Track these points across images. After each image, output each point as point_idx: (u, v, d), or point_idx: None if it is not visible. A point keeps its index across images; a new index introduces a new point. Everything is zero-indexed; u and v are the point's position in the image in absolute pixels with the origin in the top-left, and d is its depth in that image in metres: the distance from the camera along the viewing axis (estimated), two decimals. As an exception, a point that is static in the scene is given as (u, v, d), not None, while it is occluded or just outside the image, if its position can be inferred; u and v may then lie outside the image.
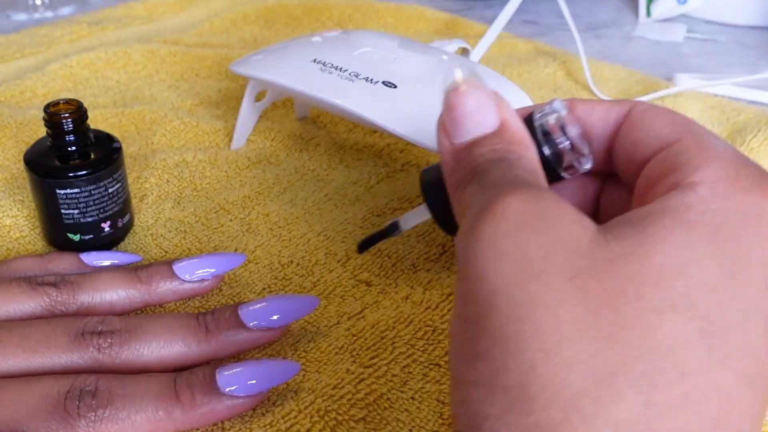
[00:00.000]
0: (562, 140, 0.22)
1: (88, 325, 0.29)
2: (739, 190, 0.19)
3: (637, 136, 0.23)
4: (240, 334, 0.29)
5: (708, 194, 0.19)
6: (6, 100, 0.52)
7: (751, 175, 0.20)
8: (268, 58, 0.43)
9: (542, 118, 0.23)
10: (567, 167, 0.23)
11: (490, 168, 0.21)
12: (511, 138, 0.22)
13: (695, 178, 0.19)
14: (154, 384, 0.27)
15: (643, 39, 0.70)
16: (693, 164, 0.20)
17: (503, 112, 0.22)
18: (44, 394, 0.26)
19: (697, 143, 0.21)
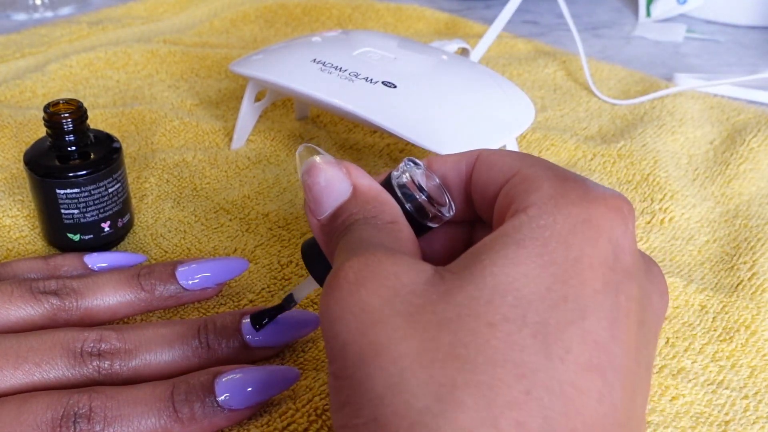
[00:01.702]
0: (419, 194, 0.24)
1: (86, 343, 0.28)
2: (566, 203, 0.21)
3: (484, 178, 0.24)
4: (241, 351, 0.30)
5: (537, 213, 0.20)
6: (6, 100, 0.52)
7: (578, 189, 0.21)
8: (268, 58, 0.43)
9: (399, 177, 0.25)
10: (432, 218, 0.24)
11: (349, 231, 0.23)
12: (365, 198, 0.24)
13: (527, 203, 0.21)
14: (151, 401, 0.26)
15: (642, 39, 0.70)
16: (528, 190, 0.21)
17: (354, 179, 0.24)
18: (37, 421, 0.25)
19: (531, 172, 0.22)
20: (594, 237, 0.20)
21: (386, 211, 0.24)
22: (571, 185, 0.21)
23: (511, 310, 0.19)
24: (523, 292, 0.19)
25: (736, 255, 0.38)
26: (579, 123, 0.52)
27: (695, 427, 0.29)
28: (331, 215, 0.24)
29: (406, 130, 0.36)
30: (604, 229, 0.20)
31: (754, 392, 0.30)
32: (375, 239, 0.22)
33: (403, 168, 0.25)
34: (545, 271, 0.19)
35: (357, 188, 0.24)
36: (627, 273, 0.20)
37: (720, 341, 0.33)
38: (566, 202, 0.21)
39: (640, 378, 0.20)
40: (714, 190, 0.44)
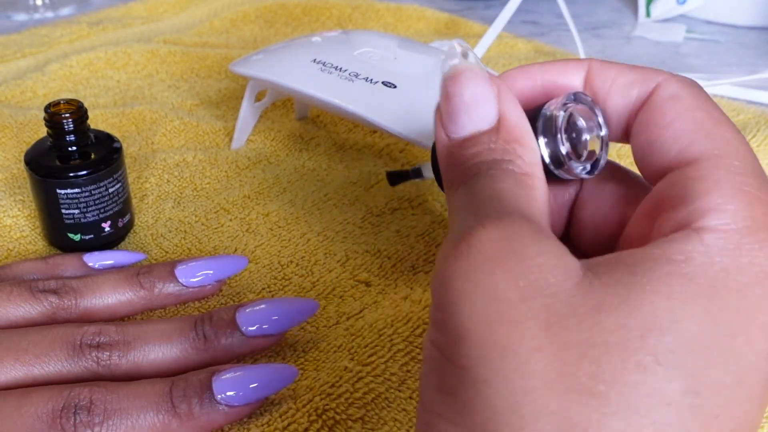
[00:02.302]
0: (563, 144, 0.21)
1: (85, 336, 0.28)
2: (752, 243, 0.17)
3: (653, 135, 0.20)
4: (238, 342, 0.29)
5: (715, 246, 0.17)
6: (6, 100, 0.53)
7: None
8: (268, 58, 0.43)
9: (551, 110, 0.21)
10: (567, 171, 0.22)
11: (481, 174, 0.20)
12: (508, 136, 0.20)
13: (704, 223, 0.18)
14: (151, 396, 0.26)
15: (642, 39, 0.70)
16: (706, 202, 0.18)
17: (503, 105, 0.21)
18: (38, 413, 0.25)
19: (718, 171, 0.18)
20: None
21: (526, 158, 0.20)
22: (762, 217, 0.18)
23: (667, 354, 0.16)
24: (684, 336, 0.16)
25: (735, 255, 0.38)
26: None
27: (695, 427, 0.29)
28: (465, 139, 0.21)
29: (406, 130, 0.36)
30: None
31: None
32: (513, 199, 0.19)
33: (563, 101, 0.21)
34: (712, 317, 0.17)
35: (504, 119, 0.20)
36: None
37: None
38: (752, 241, 0.17)
39: None
40: (714, 190, 0.44)
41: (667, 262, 0.17)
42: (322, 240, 0.38)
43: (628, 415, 0.16)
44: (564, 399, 0.16)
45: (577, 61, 0.22)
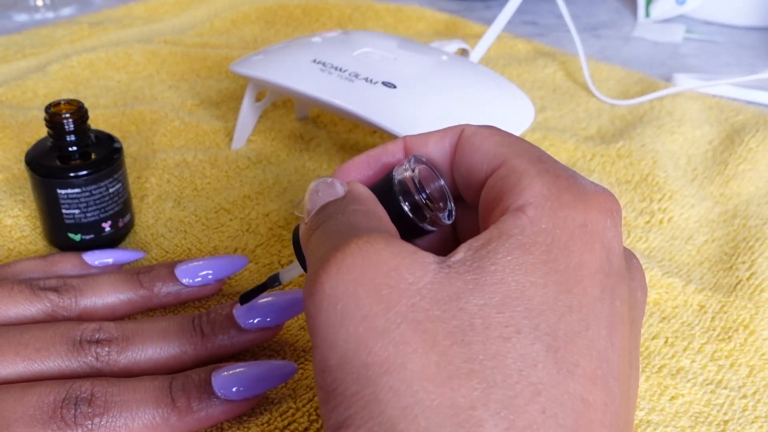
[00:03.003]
0: (418, 194, 0.23)
1: (85, 332, 0.29)
2: (561, 206, 0.20)
3: (468, 162, 0.23)
4: (235, 336, 0.30)
5: (536, 215, 0.20)
6: (7, 100, 0.53)
7: (570, 189, 0.21)
8: (268, 58, 0.43)
9: (400, 174, 0.24)
10: (430, 221, 0.24)
11: (332, 218, 0.22)
12: (357, 197, 0.23)
13: (522, 201, 0.20)
14: (151, 390, 0.26)
15: (641, 39, 0.70)
16: (519, 186, 0.21)
17: (350, 184, 0.23)
18: (39, 403, 0.25)
19: (520, 163, 0.22)
20: (590, 242, 0.20)
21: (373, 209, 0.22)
22: (564, 184, 0.21)
23: (522, 321, 0.18)
24: (533, 302, 0.19)
25: (734, 255, 0.38)
26: (578, 123, 0.52)
27: (694, 427, 0.29)
28: (318, 210, 0.23)
29: (406, 130, 0.36)
30: (598, 233, 0.20)
31: (752, 392, 0.31)
32: (363, 222, 0.21)
33: (406, 165, 0.24)
34: (551, 279, 0.19)
35: (352, 191, 0.23)
36: (619, 276, 0.20)
37: (719, 341, 0.33)
38: (562, 204, 0.20)
39: (633, 379, 0.20)
40: (713, 190, 0.44)
41: (507, 237, 0.20)
42: (322, 240, 0.38)
43: (505, 383, 0.18)
44: (446, 388, 0.17)
45: (393, 141, 0.26)
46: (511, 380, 0.18)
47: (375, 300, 0.19)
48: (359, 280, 0.19)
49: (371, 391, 0.18)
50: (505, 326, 0.18)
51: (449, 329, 0.18)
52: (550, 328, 0.18)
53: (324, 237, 0.21)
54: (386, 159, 0.25)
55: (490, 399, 0.17)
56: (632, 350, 0.21)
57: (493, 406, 0.17)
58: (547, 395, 0.18)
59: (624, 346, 0.20)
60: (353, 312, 0.19)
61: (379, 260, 0.19)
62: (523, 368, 0.18)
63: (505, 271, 0.19)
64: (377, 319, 0.18)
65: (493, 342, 0.18)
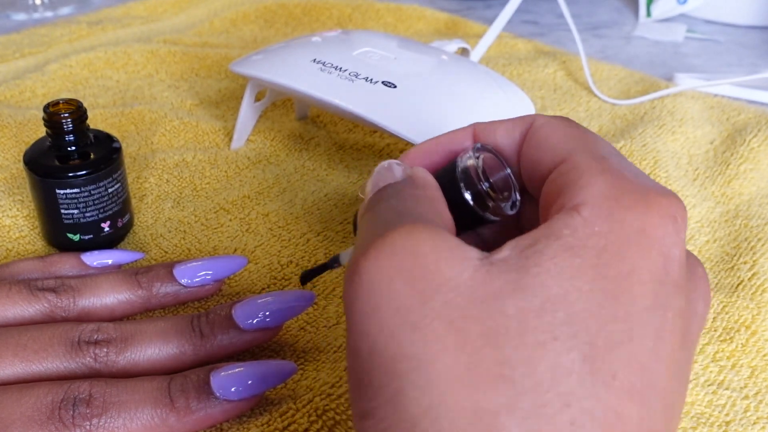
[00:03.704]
0: (480, 183, 0.23)
1: (84, 333, 0.28)
2: (621, 208, 0.19)
3: (535, 154, 0.23)
4: (235, 337, 0.29)
5: (591, 216, 0.19)
6: (6, 100, 0.52)
7: (633, 190, 0.20)
8: (268, 57, 0.43)
9: (463, 161, 0.23)
10: (492, 210, 0.23)
11: (384, 200, 0.21)
12: (416, 182, 0.22)
13: (579, 200, 0.20)
14: (149, 391, 0.26)
15: (643, 39, 0.70)
16: (578, 184, 0.20)
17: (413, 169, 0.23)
18: (38, 404, 0.25)
19: (583, 160, 0.21)
20: (647, 249, 0.19)
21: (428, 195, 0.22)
22: (626, 184, 0.20)
23: (561, 328, 0.18)
24: (575, 309, 0.18)
25: (736, 255, 0.38)
26: (579, 123, 0.52)
27: (696, 428, 0.29)
28: (376, 192, 0.22)
29: (406, 130, 0.36)
30: (657, 239, 0.19)
31: (754, 392, 0.30)
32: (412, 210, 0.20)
33: (470, 153, 0.23)
34: (597, 285, 0.18)
35: (411, 175, 0.22)
36: (676, 286, 0.19)
37: (720, 341, 0.33)
38: (621, 206, 0.19)
39: (678, 394, 0.19)
40: (714, 190, 0.44)
41: (556, 238, 0.19)
42: (322, 240, 0.38)
43: (535, 391, 0.17)
44: (474, 390, 0.17)
45: (463, 128, 0.25)
46: (541, 388, 0.17)
47: (411, 293, 0.18)
48: (396, 271, 0.18)
49: (397, 385, 0.17)
50: (541, 332, 0.17)
51: (483, 330, 0.18)
52: (589, 336, 0.18)
53: (373, 221, 0.21)
54: (454, 146, 0.25)
55: (517, 406, 0.17)
56: (683, 365, 0.19)
57: (520, 413, 0.17)
58: (578, 406, 0.17)
59: (671, 360, 0.19)
60: (387, 303, 0.18)
61: (420, 252, 0.19)
62: (556, 376, 0.17)
63: (549, 273, 0.18)
64: (411, 312, 0.18)
65: (527, 347, 0.17)
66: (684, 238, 0.20)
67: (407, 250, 0.19)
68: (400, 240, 0.19)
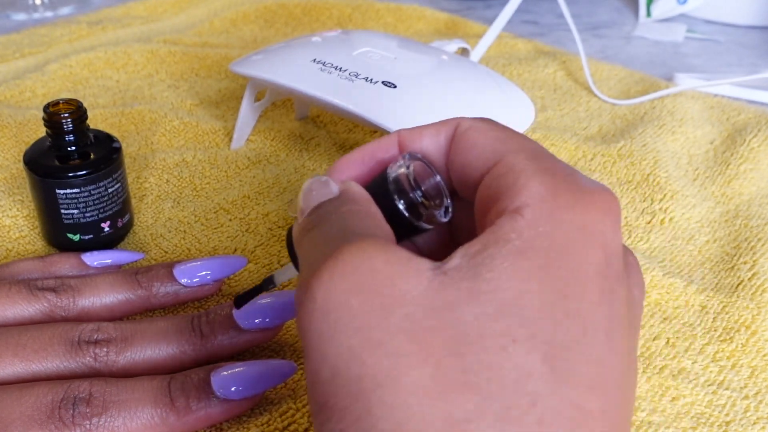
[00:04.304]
0: (413, 192, 0.23)
1: (83, 333, 0.28)
2: (560, 208, 0.20)
3: (464, 158, 0.23)
4: (235, 337, 0.29)
5: (533, 218, 0.19)
6: (6, 100, 0.52)
7: (569, 190, 0.20)
8: (268, 57, 0.43)
9: (394, 172, 0.23)
10: (426, 219, 0.23)
11: (326, 218, 0.21)
12: (351, 197, 0.22)
13: (519, 202, 0.20)
14: (149, 390, 0.26)
15: (643, 39, 0.70)
16: (516, 187, 0.20)
17: (345, 184, 0.23)
18: (38, 403, 0.25)
19: (517, 161, 0.21)
20: (589, 245, 0.19)
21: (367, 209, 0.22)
22: (562, 183, 0.20)
23: (518, 330, 0.18)
24: (530, 310, 0.18)
25: (736, 255, 0.38)
26: (579, 123, 0.52)
27: (696, 428, 0.29)
28: (312, 210, 0.22)
29: (406, 130, 0.36)
30: (597, 234, 0.20)
31: (754, 392, 0.30)
32: (358, 226, 0.20)
33: (400, 162, 0.23)
34: (548, 285, 0.19)
35: (345, 190, 0.22)
36: (617, 277, 0.20)
37: (720, 341, 0.33)
38: (560, 205, 0.20)
39: (631, 380, 0.20)
40: (714, 190, 0.44)
41: (504, 243, 0.19)
42: (321, 240, 0.38)
43: (500, 394, 0.17)
44: (441, 401, 0.17)
45: (387, 136, 0.25)
46: (506, 391, 0.17)
47: (369, 310, 0.18)
48: (352, 290, 0.18)
49: (364, 405, 0.17)
50: (500, 336, 0.18)
51: (444, 340, 0.18)
52: (546, 336, 0.18)
53: (316, 241, 0.21)
54: (381, 155, 0.25)
55: (486, 411, 0.17)
56: (630, 351, 0.20)
57: (489, 418, 0.17)
58: (543, 405, 0.17)
59: (622, 349, 0.19)
60: (347, 323, 0.18)
61: (373, 268, 0.19)
62: (519, 378, 0.17)
63: (501, 278, 0.18)
64: (371, 330, 0.18)
65: (489, 352, 0.17)
66: (620, 231, 0.21)
67: (360, 268, 0.19)
68: (351, 258, 0.19)
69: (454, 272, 0.19)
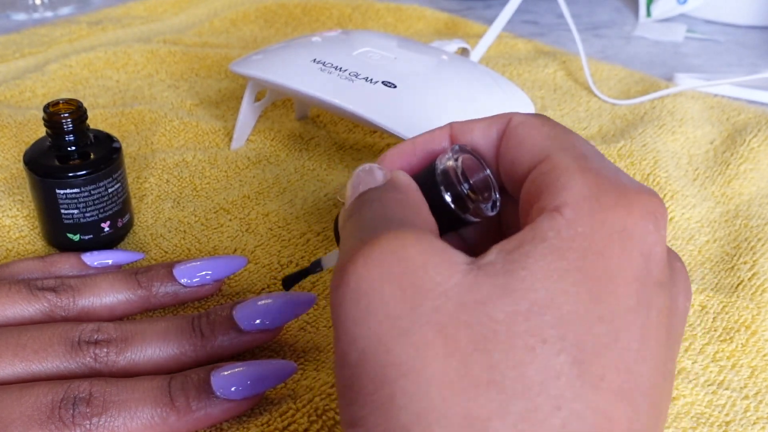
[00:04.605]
0: (460, 185, 0.23)
1: (84, 333, 0.28)
2: (601, 208, 0.19)
3: (513, 153, 0.22)
4: (235, 338, 0.29)
5: (573, 217, 0.19)
6: (6, 100, 0.52)
7: (612, 189, 0.20)
8: (268, 57, 0.43)
9: (442, 163, 0.23)
10: (473, 212, 0.23)
11: (367, 204, 0.21)
12: (397, 186, 0.22)
13: (560, 201, 0.19)
14: (149, 390, 0.26)
15: (643, 39, 0.70)
16: (558, 185, 0.20)
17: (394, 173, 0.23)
18: (37, 403, 0.25)
19: (562, 159, 0.21)
20: (629, 248, 0.19)
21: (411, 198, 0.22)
22: (606, 183, 0.20)
23: (549, 331, 0.18)
24: (562, 311, 0.18)
25: (736, 255, 0.38)
26: (579, 123, 0.52)
27: (696, 428, 0.29)
28: (357, 197, 0.22)
29: (406, 130, 0.36)
30: (639, 238, 0.19)
31: (754, 392, 0.30)
32: (397, 214, 0.20)
33: (449, 155, 0.23)
34: (583, 287, 0.18)
35: (392, 179, 0.22)
36: (658, 284, 0.19)
37: (720, 341, 0.33)
38: (602, 206, 0.19)
39: (665, 391, 0.20)
40: (714, 190, 0.44)
41: (541, 240, 0.19)
42: (322, 240, 0.38)
43: (525, 395, 0.17)
44: (464, 397, 0.17)
45: (439, 128, 0.25)
46: (531, 392, 0.17)
47: (399, 299, 0.18)
48: (385, 277, 0.18)
49: (388, 392, 0.17)
50: (530, 335, 0.17)
51: (472, 335, 0.18)
52: (577, 339, 0.18)
53: (357, 226, 0.21)
54: (432, 146, 0.24)
55: (508, 411, 0.17)
56: (666, 362, 0.19)
57: (511, 418, 0.17)
58: (568, 409, 0.17)
59: (656, 359, 0.19)
60: (377, 309, 0.18)
61: (408, 257, 0.19)
62: (546, 380, 0.17)
63: (535, 277, 0.18)
64: (400, 318, 0.18)
65: (517, 351, 0.17)
66: (665, 235, 0.20)
67: (395, 256, 0.19)
68: (387, 246, 0.19)
69: (489, 268, 0.19)
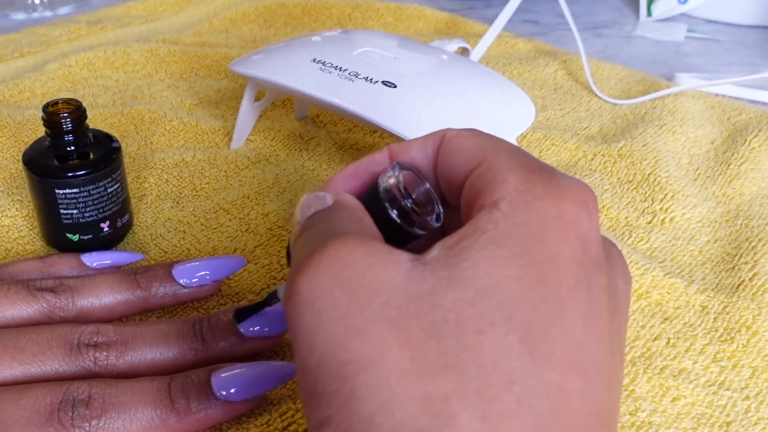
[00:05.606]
0: (404, 200, 0.24)
1: (83, 335, 0.28)
2: (535, 199, 0.21)
3: (450, 163, 0.24)
4: (236, 343, 0.29)
5: (510, 209, 0.20)
6: (5, 99, 0.52)
7: (545, 183, 0.21)
8: (268, 57, 0.43)
9: (384, 182, 0.24)
10: (418, 225, 0.24)
11: (315, 224, 0.22)
12: (342, 205, 0.23)
13: (496, 196, 0.21)
14: (149, 391, 0.26)
15: (643, 38, 0.69)
16: (494, 183, 0.21)
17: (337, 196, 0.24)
18: (36, 406, 0.25)
19: (496, 161, 0.22)
20: (565, 233, 0.20)
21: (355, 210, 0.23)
22: (538, 178, 0.21)
23: (496, 314, 0.18)
24: (506, 295, 0.19)
25: (737, 255, 0.38)
26: (580, 123, 0.51)
27: (696, 428, 0.29)
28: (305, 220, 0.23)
29: (406, 130, 0.36)
30: (573, 224, 0.20)
31: (755, 393, 0.30)
32: (344, 225, 0.21)
33: (390, 173, 0.24)
34: (525, 271, 0.19)
35: (339, 200, 0.23)
36: (595, 265, 0.20)
37: (721, 342, 0.33)
38: (536, 197, 0.21)
39: (615, 367, 0.20)
40: (715, 190, 0.44)
41: (481, 233, 0.20)
42: (321, 240, 0.38)
43: (479, 375, 0.18)
44: (422, 380, 0.18)
45: (379, 151, 0.26)
46: (485, 371, 0.18)
47: (350, 299, 0.19)
48: (334, 281, 0.19)
49: (349, 388, 0.18)
50: (478, 319, 0.18)
51: (423, 325, 0.18)
52: (524, 319, 0.19)
53: (305, 242, 0.21)
54: (373, 168, 0.26)
55: (465, 390, 0.18)
56: (613, 338, 0.21)
57: (468, 397, 0.17)
58: (521, 384, 0.18)
59: (602, 335, 0.20)
60: (330, 313, 0.19)
61: (354, 260, 0.20)
62: (498, 359, 0.18)
63: (478, 266, 0.19)
64: (353, 317, 0.19)
65: (467, 335, 0.18)
66: (597, 222, 0.21)
67: (342, 261, 0.20)
68: (334, 252, 0.20)
69: (433, 262, 0.20)
